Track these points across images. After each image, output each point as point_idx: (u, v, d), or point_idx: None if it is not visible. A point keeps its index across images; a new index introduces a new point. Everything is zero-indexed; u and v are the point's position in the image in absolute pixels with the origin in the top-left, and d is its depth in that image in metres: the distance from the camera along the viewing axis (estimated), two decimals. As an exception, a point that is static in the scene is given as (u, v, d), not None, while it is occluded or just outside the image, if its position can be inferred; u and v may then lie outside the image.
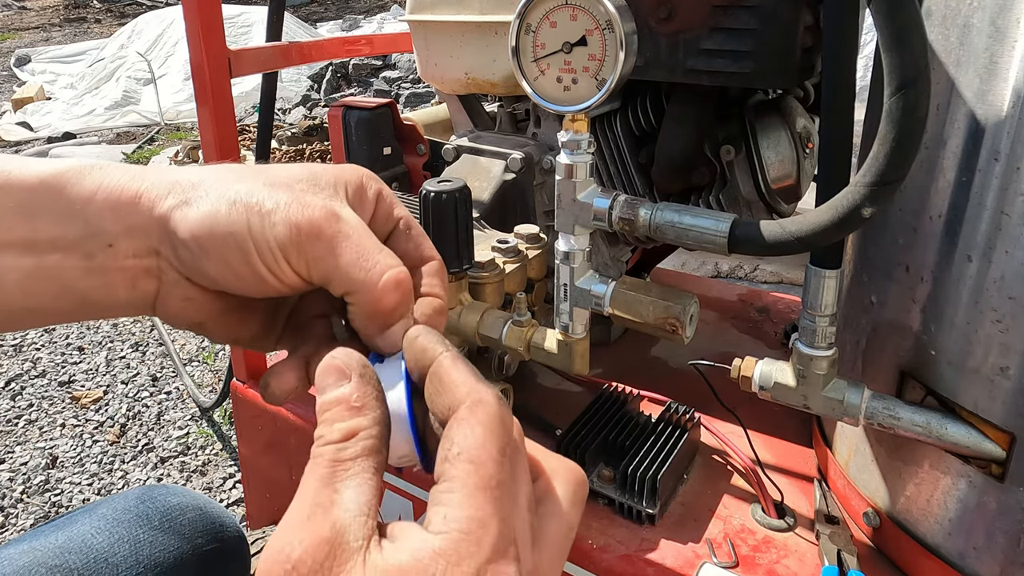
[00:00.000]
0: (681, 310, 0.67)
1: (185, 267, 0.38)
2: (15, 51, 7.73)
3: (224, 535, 0.71)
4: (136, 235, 0.37)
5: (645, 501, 0.75)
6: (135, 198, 0.37)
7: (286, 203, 0.37)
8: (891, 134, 0.53)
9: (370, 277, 0.36)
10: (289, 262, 0.37)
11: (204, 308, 0.41)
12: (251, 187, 0.37)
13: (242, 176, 0.39)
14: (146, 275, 0.38)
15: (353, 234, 0.37)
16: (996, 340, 0.57)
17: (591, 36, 0.62)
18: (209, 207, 0.36)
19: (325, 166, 0.41)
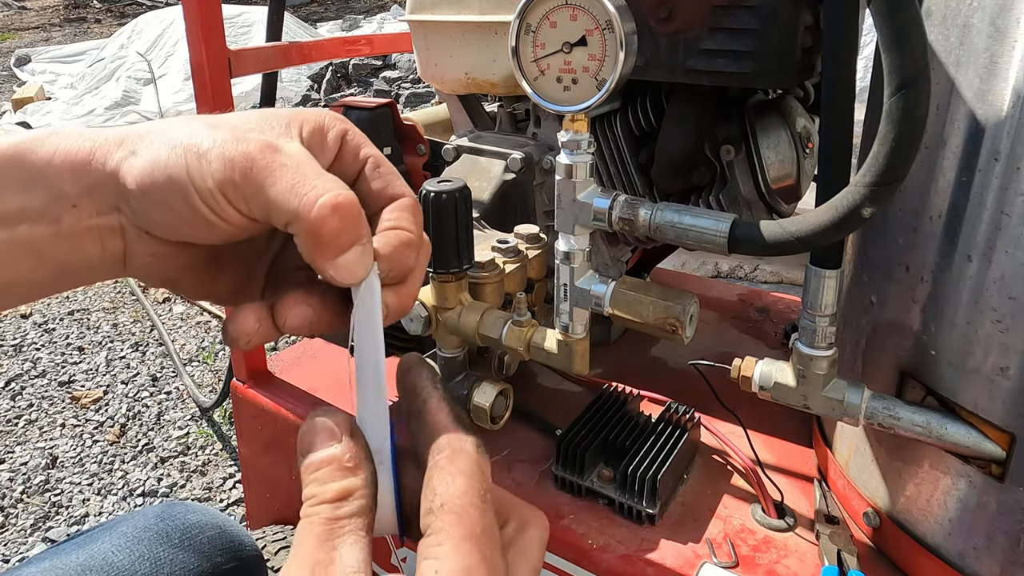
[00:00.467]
0: (681, 310, 0.67)
1: (138, 218, 0.37)
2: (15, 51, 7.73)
3: (243, 554, 0.71)
4: (96, 193, 0.37)
5: (645, 501, 0.75)
6: (89, 156, 0.37)
7: (223, 141, 0.36)
8: (891, 134, 0.53)
9: (304, 203, 0.34)
10: (228, 199, 0.35)
11: (171, 263, 0.40)
12: (192, 130, 0.37)
13: (190, 121, 0.38)
14: (111, 233, 0.38)
15: (289, 163, 0.35)
16: (996, 340, 0.57)
17: (591, 36, 0.62)
18: (151, 154, 0.36)
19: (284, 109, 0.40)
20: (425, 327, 0.79)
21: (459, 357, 0.82)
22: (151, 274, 0.40)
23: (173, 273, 0.41)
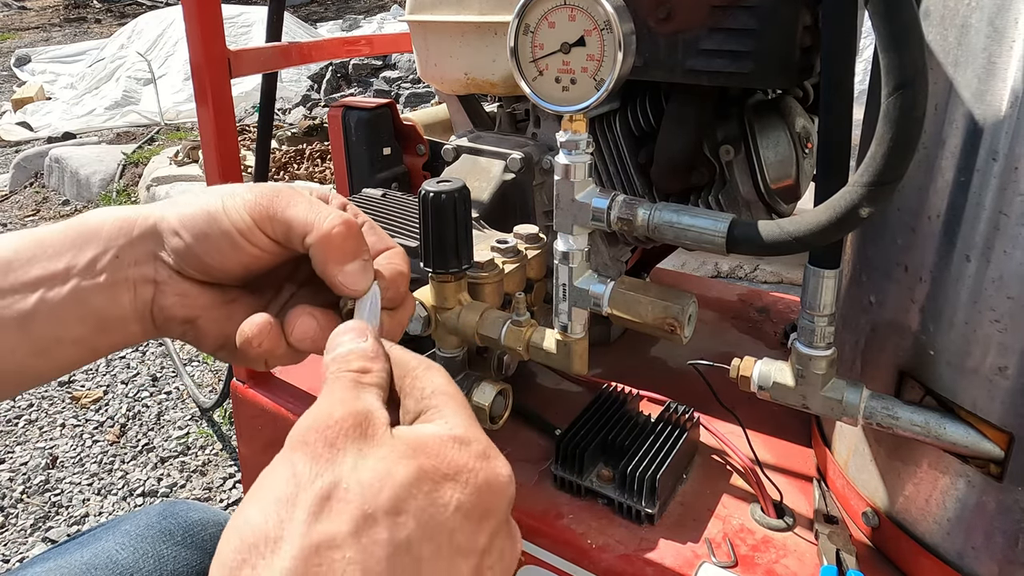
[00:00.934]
0: (680, 310, 0.68)
1: (176, 254, 0.47)
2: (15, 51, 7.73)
3: None
4: (136, 244, 0.46)
5: (644, 501, 0.75)
6: (135, 218, 0.47)
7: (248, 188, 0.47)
8: (889, 134, 0.53)
9: (320, 218, 0.45)
10: (255, 221, 0.45)
11: (195, 301, 0.48)
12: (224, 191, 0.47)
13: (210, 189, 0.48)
14: (143, 282, 0.47)
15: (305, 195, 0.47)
16: (995, 340, 0.57)
17: (589, 36, 0.62)
18: (189, 201, 0.47)
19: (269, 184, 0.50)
20: (424, 327, 0.79)
21: (458, 357, 0.82)
22: (176, 315, 0.49)
23: (195, 312, 0.49)
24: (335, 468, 0.32)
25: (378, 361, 0.40)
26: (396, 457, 0.33)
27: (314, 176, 3.50)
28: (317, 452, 0.33)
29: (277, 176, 3.51)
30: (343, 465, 0.33)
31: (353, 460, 0.33)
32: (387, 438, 0.34)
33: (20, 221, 3.88)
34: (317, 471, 0.32)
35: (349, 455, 0.33)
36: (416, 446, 0.34)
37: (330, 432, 0.34)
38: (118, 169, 4.08)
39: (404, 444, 0.34)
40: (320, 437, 0.34)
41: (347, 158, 1.19)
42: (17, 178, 4.45)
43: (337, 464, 0.33)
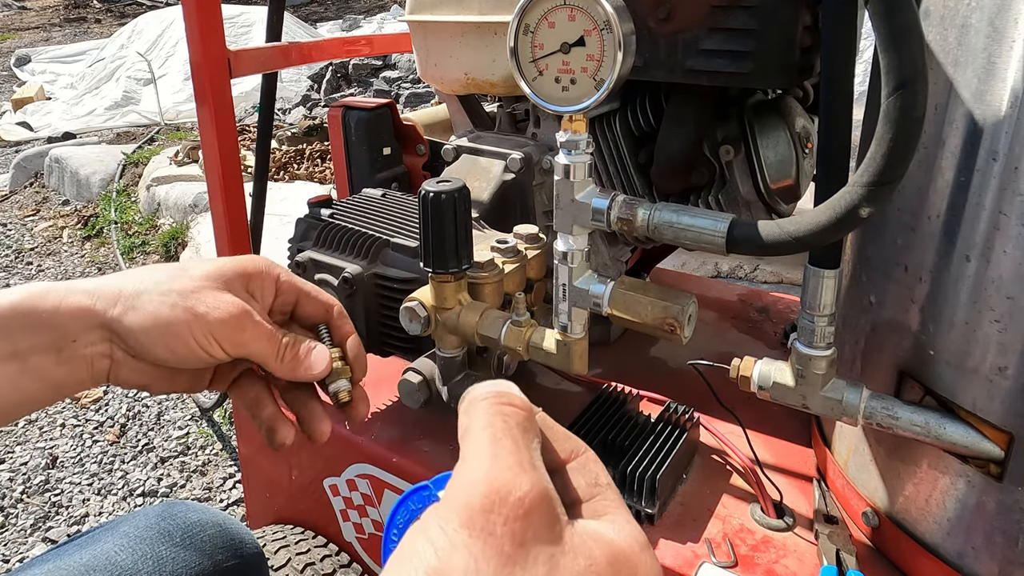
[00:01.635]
0: (679, 310, 0.68)
1: (135, 352, 0.52)
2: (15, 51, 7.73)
3: (244, 551, 0.72)
4: (93, 332, 0.51)
5: (644, 501, 0.75)
6: (90, 307, 0.51)
7: (215, 306, 0.53)
8: (888, 134, 0.53)
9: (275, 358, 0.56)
10: (220, 344, 0.53)
11: (148, 374, 0.54)
12: (183, 291, 0.52)
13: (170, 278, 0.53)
14: (100, 357, 0.52)
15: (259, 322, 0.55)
16: (994, 340, 0.57)
17: (589, 36, 0.62)
18: (153, 311, 0.51)
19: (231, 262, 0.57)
20: (424, 327, 0.79)
21: (458, 357, 0.82)
22: (130, 382, 0.54)
23: (148, 381, 0.55)
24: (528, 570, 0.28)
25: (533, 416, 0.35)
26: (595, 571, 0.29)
27: (314, 176, 3.50)
28: (504, 551, 0.28)
29: (277, 176, 3.50)
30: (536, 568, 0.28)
31: (546, 569, 0.28)
32: (580, 543, 0.30)
33: (20, 221, 3.88)
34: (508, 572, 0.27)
35: (541, 562, 0.28)
36: (612, 558, 0.30)
37: (518, 525, 0.28)
38: (118, 169, 4.08)
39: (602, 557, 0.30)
40: (507, 529, 0.28)
41: (347, 158, 1.19)
42: (17, 178, 4.45)
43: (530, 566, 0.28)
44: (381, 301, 0.89)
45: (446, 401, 0.83)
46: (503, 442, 0.31)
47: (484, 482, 0.29)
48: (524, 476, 0.30)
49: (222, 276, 0.55)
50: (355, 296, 0.88)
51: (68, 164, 4.15)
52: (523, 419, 0.33)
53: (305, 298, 0.60)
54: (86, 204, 3.93)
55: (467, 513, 0.28)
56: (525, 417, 0.34)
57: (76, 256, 3.38)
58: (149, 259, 3.19)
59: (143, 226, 3.45)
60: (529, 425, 0.33)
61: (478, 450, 0.31)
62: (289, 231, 1.01)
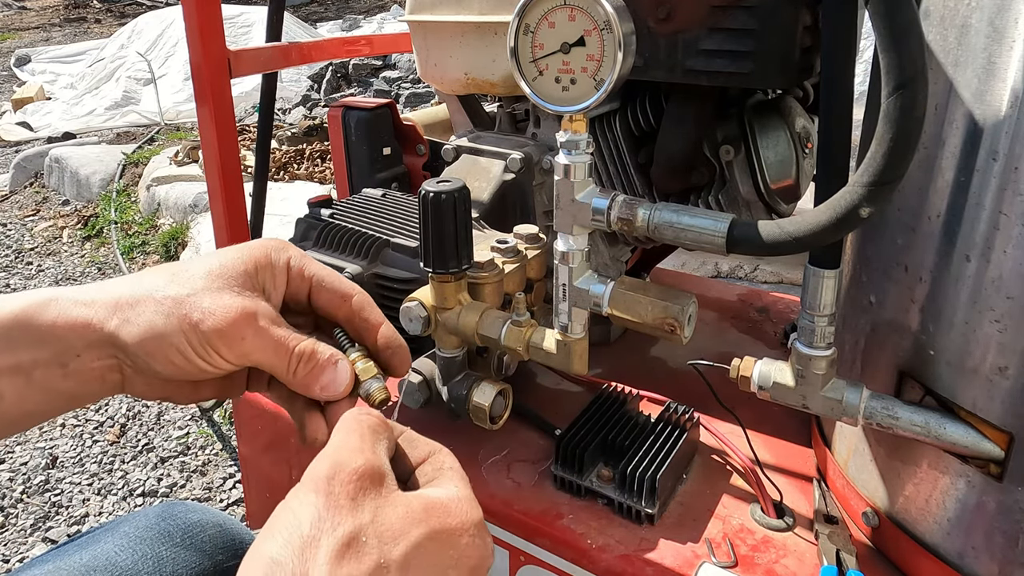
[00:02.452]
0: (679, 310, 0.68)
1: (137, 368, 0.48)
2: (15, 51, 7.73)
3: (244, 551, 0.71)
4: (95, 347, 0.47)
5: (644, 501, 0.75)
6: (87, 322, 0.47)
7: (210, 311, 0.47)
8: (888, 134, 0.53)
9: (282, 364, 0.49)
10: (219, 353, 0.47)
11: (165, 388, 0.51)
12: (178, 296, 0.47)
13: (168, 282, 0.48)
14: (110, 370, 0.48)
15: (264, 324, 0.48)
16: (994, 340, 0.57)
17: (589, 36, 0.62)
18: (147, 322, 0.46)
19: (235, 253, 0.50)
20: (424, 327, 0.79)
21: (458, 357, 0.82)
22: (147, 395, 0.51)
23: (167, 393, 0.52)
24: (355, 518, 0.37)
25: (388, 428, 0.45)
26: (411, 519, 0.38)
27: (314, 176, 3.50)
28: (340, 503, 0.37)
29: (277, 176, 3.50)
30: (362, 517, 0.37)
31: (371, 515, 0.37)
32: (401, 498, 0.39)
33: (20, 221, 3.88)
34: (339, 519, 0.36)
35: (367, 509, 0.38)
36: (428, 508, 0.39)
37: (351, 486, 0.38)
38: (118, 169, 4.08)
39: (418, 506, 0.39)
40: (343, 489, 0.38)
41: (347, 158, 1.19)
42: (17, 178, 4.45)
43: (357, 515, 0.37)
44: (381, 301, 0.89)
45: (446, 401, 0.83)
46: (351, 435, 0.41)
47: (329, 459, 0.39)
48: (361, 456, 0.40)
49: (224, 272, 0.49)
50: (355, 296, 0.87)
51: (68, 164, 4.15)
52: (373, 423, 0.43)
53: (318, 288, 0.53)
54: (86, 204, 3.93)
55: (313, 482, 0.38)
56: (375, 423, 0.43)
57: (76, 256, 3.38)
58: (149, 259, 3.19)
59: (143, 226, 3.45)
60: (378, 428, 0.43)
61: (331, 441, 0.41)
62: (289, 231, 1.01)
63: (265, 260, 0.51)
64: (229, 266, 0.49)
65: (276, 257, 0.51)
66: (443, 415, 0.89)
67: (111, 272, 3.15)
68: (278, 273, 0.52)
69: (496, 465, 0.85)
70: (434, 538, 0.38)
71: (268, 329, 0.48)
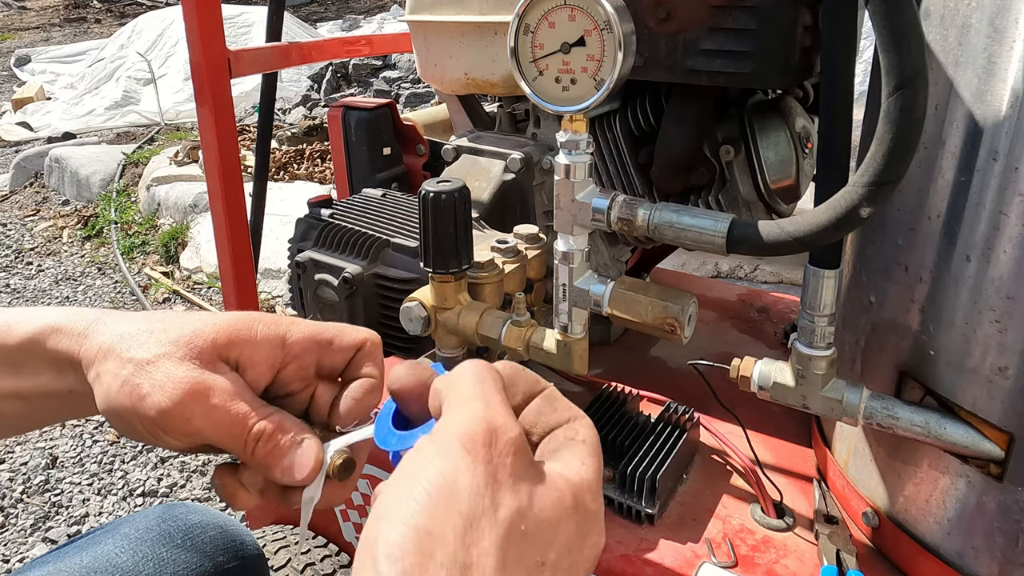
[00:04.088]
0: (679, 310, 0.68)
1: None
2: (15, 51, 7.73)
3: (244, 552, 0.72)
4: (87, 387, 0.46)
5: (644, 501, 0.75)
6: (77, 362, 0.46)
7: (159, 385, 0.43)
8: (889, 134, 0.53)
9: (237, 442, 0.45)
10: (168, 435, 0.44)
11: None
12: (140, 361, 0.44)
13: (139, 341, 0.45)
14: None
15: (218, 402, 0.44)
16: (994, 340, 0.57)
17: (589, 36, 0.62)
18: (106, 387, 0.44)
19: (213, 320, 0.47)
20: (424, 327, 0.79)
21: (458, 357, 0.82)
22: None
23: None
24: (517, 499, 0.32)
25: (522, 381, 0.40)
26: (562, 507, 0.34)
27: (314, 176, 3.50)
28: (501, 478, 0.32)
29: (277, 176, 3.50)
30: (522, 499, 0.32)
31: (528, 497, 0.33)
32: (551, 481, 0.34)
33: (20, 221, 3.88)
34: (500, 498, 0.32)
35: (524, 486, 0.33)
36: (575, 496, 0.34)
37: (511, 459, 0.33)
38: (118, 169, 4.09)
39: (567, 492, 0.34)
40: (503, 461, 0.33)
41: (347, 158, 1.20)
42: (17, 178, 4.45)
43: (518, 496, 0.32)
44: (381, 301, 0.89)
45: (446, 401, 0.83)
46: (494, 393, 0.36)
47: (484, 420, 0.34)
48: (513, 421, 0.35)
49: (192, 341, 0.45)
50: (355, 296, 0.88)
51: (68, 164, 4.15)
52: (502, 380, 0.38)
53: (327, 351, 0.49)
54: (86, 204, 3.93)
55: (469, 442, 0.32)
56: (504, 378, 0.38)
57: (76, 256, 3.38)
58: (149, 259, 3.19)
59: (143, 226, 3.45)
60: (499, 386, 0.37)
61: (472, 395, 0.35)
62: (289, 231, 1.01)
63: (246, 337, 0.46)
64: (200, 334, 0.46)
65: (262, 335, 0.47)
66: (443, 415, 0.88)
67: (111, 272, 3.15)
68: (261, 351, 0.47)
69: (496, 465, 0.85)
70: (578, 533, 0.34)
71: (222, 406, 0.44)
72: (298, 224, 1.00)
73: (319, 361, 0.49)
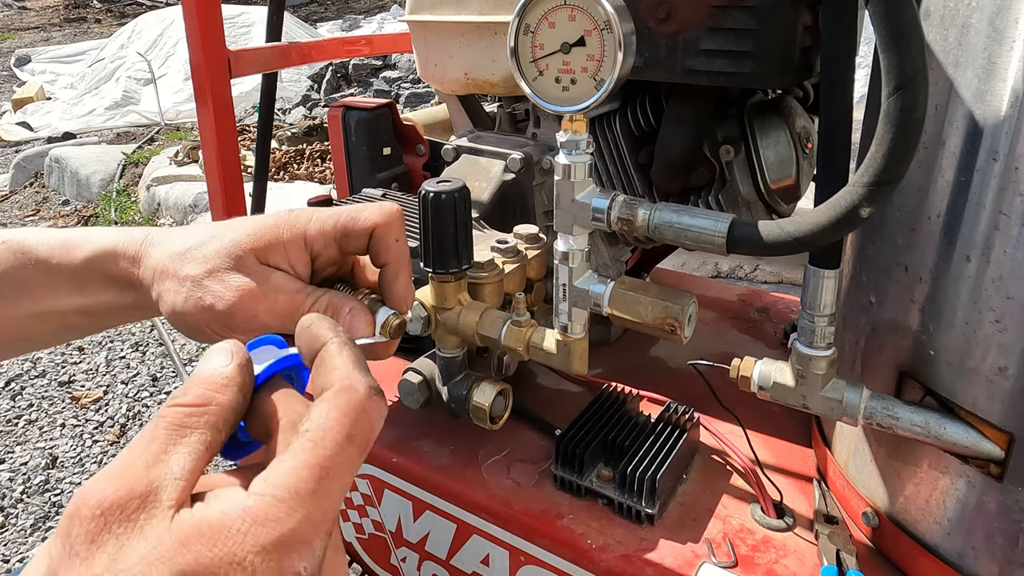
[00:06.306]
0: (679, 310, 0.68)
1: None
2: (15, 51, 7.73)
3: None
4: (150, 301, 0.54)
5: (644, 501, 0.75)
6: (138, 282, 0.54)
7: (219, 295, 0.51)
8: (889, 134, 0.53)
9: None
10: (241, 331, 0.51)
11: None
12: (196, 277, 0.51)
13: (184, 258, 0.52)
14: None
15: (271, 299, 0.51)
16: (995, 340, 0.57)
17: (589, 36, 0.62)
18: (171, 301, 0.52)
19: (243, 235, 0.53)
20: (424, 327, 0.79)
21: (458, 357, 0.82)
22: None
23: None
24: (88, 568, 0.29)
25: (227, 391, 0.35)
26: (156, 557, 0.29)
27: (314, 176, 3.50)
28: (76, 549, 0.29)
29: (277, 176, 3.50)
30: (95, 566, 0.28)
31: (108, 559, 0.29)
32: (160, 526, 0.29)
33: (20, 221, 3.88)
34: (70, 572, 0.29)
35: (107, 552, 0.29)
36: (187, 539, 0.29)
37: (92, 524, 0.29)
38: (118, 169, 4.09)
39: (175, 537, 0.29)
40: (82, 529, 0.29)
41: (347, 158, 1.19)
42: (17, 178, 4.45)
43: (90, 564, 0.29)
44: (381, 301, 0.89)
45: (446, 401, 0.83)
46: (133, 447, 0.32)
47: (79, 493, 0.31)
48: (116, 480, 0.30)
49: (233, 253, 0.52)
50: (355, 296, 0.87)
51: (68, 164, 4.15)
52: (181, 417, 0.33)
53: (345, 239, 0.54)
54: (86, 204, 3.93)
55: (62, 520, 0.30)
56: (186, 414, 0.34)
57: (76, 256, 3.37)
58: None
59: (143, 226, 3.45)
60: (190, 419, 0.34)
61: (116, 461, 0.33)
62: (289, 231, 1.00)
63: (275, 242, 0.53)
64: (239, 244, 0.52)
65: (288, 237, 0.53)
66: (443, 415, 0.89)
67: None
68: (292, 251, 0.53)
69: (496, 465, 0.85)
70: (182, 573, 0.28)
71: (278, 299, 0.51)
72: (298, 224, 1.00)
73: (342, 248, 0.54)
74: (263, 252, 0.52)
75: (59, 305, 0.55)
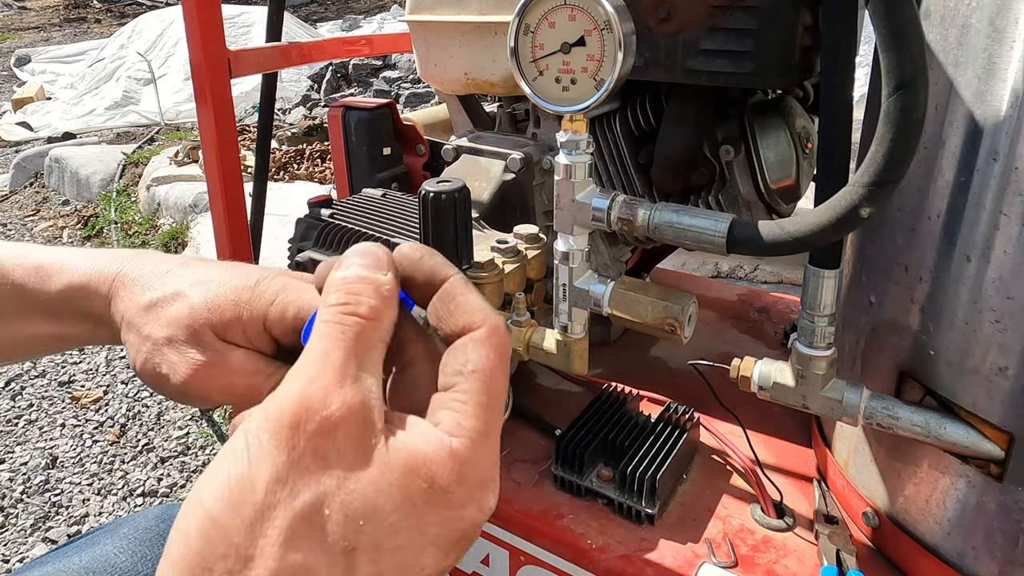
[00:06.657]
0: (679, 310, 0.68)
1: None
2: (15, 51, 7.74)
3: None
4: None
5: (644, 501, 0.75)
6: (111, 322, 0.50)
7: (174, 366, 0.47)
8: (889, 134, 0.53)
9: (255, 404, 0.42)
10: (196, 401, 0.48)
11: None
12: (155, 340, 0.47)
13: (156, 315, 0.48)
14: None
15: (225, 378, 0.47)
16: (995, 340, 0.57)
17: (589, 36, 0.62)
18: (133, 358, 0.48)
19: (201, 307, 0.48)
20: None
21: (458, 357, 0.82)
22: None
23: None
24: (319, 484, 0.29)
25: (392, 306, 0.34)
26: (385, 485, 0.30)
27: (314, 176, 3.50)
28: (304, 463, 0.29)
29: (277, 176, 3.50)
30: (328, 482, 0.29)
31: (338, 480, 0.29)
32: (380, 451, 0.31)
33: (20, 221, 3.88)
34: (300, 485, 0.29)
35: (336, 471, 0.30)
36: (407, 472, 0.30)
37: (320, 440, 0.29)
38: (118, 169, 4.09)
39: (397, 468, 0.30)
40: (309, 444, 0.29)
41: (347, 158, 1.19)
42: (17, 178, 4.45)
43: (323, 480, 0.29)
44: (381, 301, 0.89)
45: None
46: (330, 356, 0.32)
47: (296, 398, 0.30)
48: (336, 393, 0.30)
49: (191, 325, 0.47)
50: (355, 296, 0.87)
51: (68, 164, 4.15)
52: (362, 329, 0.33)
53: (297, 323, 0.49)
54: (86, 204, 3.93)
55: (276, 426, 0.30)
56: (366, 327, 0.33)
57: (76, 256, 3.37)
58: (149, 259, 3.19)
59: (143, 226, 3.45)
60: (370, 334, 0.33)
61: (306, 363, 0.32)
62: (289, 231, 1.01)
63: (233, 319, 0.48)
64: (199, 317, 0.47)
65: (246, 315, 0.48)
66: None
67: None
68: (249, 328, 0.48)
69: (496, 465, 0.85)
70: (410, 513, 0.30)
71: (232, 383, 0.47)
72: (298, 224, 1.00)
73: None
74: (221, 328, 0.47)
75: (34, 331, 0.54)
